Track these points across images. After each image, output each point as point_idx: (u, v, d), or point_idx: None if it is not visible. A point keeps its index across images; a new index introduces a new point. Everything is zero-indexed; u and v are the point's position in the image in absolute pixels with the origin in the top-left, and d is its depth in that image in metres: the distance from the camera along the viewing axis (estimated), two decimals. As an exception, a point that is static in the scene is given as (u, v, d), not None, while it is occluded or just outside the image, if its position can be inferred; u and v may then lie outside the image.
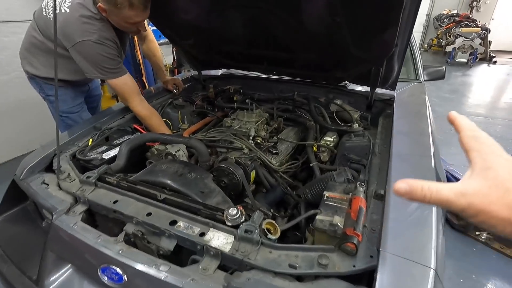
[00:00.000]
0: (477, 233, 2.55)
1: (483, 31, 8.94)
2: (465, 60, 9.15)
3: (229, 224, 1.06)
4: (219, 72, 2.76)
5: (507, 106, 5.96)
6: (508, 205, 0.36)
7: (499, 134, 4.68)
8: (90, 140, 1.77)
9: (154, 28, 2.39)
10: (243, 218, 1.06)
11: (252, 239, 1.01)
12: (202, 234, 1.06)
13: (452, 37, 9.61)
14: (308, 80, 2.34)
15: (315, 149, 1.89)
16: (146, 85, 4.24)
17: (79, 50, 1.73)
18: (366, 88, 2.16)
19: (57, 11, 1.62)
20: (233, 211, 1.06)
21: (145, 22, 1.94)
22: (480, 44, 9.10)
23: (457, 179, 2.07)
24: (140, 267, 1.02)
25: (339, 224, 1.02)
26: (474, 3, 10.91)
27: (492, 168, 0.39)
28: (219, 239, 1.04)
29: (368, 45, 1.65)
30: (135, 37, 3.13)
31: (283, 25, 1.78)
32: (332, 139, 1.90)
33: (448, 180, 2.81)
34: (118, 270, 1.06)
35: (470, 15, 10.00)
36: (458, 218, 2.62)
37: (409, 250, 0.91)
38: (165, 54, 5.03)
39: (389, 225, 0.99)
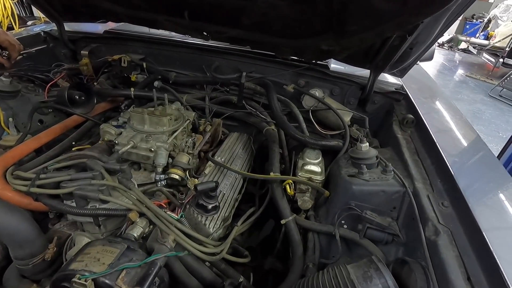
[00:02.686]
0: None
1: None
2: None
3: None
4: (102, 27, 1.54)
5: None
6: None
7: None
8: None
9: None
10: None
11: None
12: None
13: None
14: (267, 53, 1.36)
15: (288, 188, 0.99)
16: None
17: None
18: (357, 70, 1.32)
19: None
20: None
21: None
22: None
23: None
24: None
25: None
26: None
27: None
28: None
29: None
30: None
31: None
32: (319, 169, 1.02)
33: None
34: None
35: None
36: None
37: None
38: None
39: None
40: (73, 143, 1.06)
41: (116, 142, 0.94)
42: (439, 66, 8.08)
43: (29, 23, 3.85)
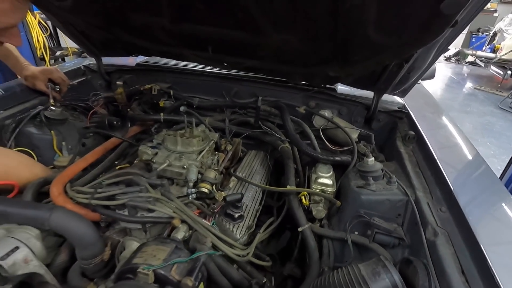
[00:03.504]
0: None
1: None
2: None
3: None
4: (134, 60, 1.74)
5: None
6: None
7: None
8: None
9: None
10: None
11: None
12: None
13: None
14: (280, 79, 1.52)
15: (303, 200, 1.11)
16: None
17: None
18: (362, 92, 1.46)
19: None
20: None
21: None
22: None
23: None
24: None
25: None
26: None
27: None
28: None
29: (402, 23, 0.91)
30: None
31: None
32: (331, 181, 1.15)
33: None
34: None
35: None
36: None
37: None
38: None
39: None
40: (116, 162, 1.22)
41: (154, 161, 1.10)
42: (447, 79, 8.14)
43: (58, 53, 4.21)
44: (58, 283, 0.78)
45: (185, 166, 1.08)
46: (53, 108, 1.27)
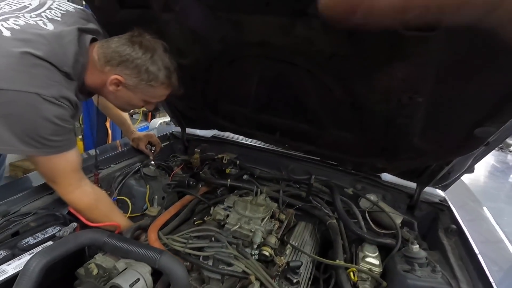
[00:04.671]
0: None
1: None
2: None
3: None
4: (210, 133, 2.14)
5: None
6: None
7: None
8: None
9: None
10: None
11: None
12: None
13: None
14: (332, 163, 1.78)
15: (352, 275, 1.24)
16: (109, 135, 3.36)
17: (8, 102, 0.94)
18: (406, 182, 1.64)
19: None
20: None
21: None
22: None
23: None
24: None
25: None
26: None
27: None
28: None
29: (443, 137, 1.16)
30: None
31: (321, 93, 1.27)
32: (377, 261, 1.28)
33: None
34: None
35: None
36: None
37: None
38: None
39: None
40: (194, 218, 1.48)
41: (227, 222, 1.33)
42: (489, 167, 7.88)
43: (131, 110, 5.03)
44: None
45: (252, 230, 1.30)
46: (152, 163, 1.63)
